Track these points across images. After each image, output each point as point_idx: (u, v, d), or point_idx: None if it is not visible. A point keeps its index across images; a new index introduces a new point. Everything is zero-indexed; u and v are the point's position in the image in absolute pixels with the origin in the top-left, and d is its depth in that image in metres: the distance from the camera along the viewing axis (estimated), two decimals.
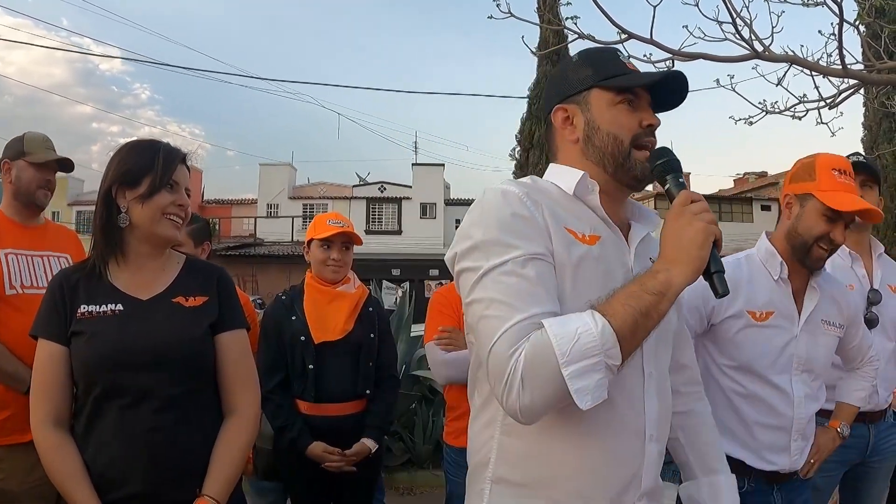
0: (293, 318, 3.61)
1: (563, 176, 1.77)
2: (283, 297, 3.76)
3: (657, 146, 1.75)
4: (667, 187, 1.67)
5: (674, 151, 1.70)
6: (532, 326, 1.47)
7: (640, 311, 1.44)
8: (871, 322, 3.32)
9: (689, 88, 1.80)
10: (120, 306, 2.18)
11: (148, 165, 2.21)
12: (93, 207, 2.31)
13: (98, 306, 2.17)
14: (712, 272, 1.53)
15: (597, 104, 1.76)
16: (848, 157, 3.44)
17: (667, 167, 1.67)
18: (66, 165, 3.40)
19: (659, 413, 1.72)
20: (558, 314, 1.51)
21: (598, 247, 1.67)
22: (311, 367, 3.51)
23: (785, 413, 2.59)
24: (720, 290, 1.53)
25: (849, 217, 2.54)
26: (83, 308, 2.17)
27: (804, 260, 2.60)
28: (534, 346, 1.44)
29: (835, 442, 2.94)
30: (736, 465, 2.54)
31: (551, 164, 1.86)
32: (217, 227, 39.04)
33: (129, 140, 2.36)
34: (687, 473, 2.06)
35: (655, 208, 34.33)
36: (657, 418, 1.71)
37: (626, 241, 1.78)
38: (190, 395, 2.16)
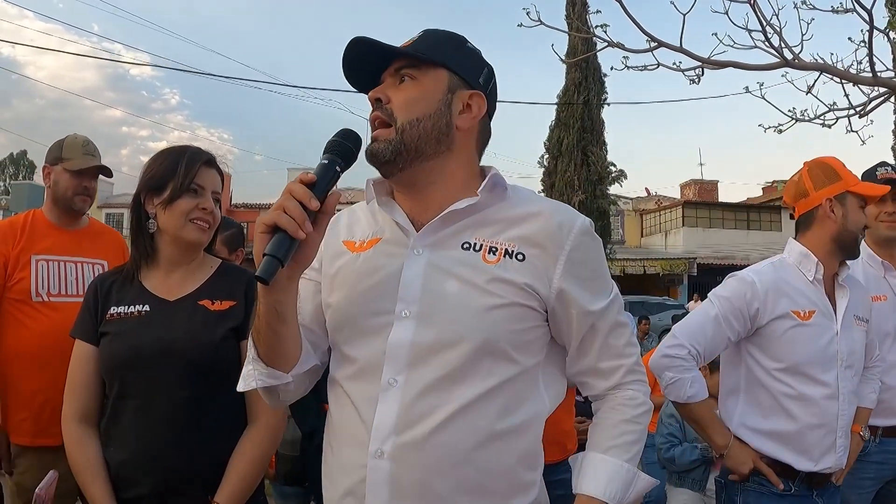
0: None
1: None
2: None
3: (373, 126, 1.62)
4: None
5: (343, 133, 1.54)
6: None
7: (256, 313, 1.53)
8: None
9: (374, 42, 1.59)
10: (147, 307, 2.22)
11: (171, 171, 2.24)
12: (122, 210, 2.36)
13: (126, 307, 2.23)
14: (263, 254, 1.37)
15: None
16: (877, 166, 3.42)
17: (325, 148, 1.52)
18: (105, 171, 3.38)
19: (402, 428, 1.51)
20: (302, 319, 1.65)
21: (370, 250, 1.65)
22: None
23: (832, 411, 2.62)
24: (257, 272, 1.36)
25: (871, 203, 2.81)
26: (113, 310, 2.23)
27: (854, 251, 2.74)
28: None
29: (859, 446, 2.95)
30: (784, 469, 2.63)
31: None
32: (245, 230, 39.22)
33: (162, 143, 2.39)
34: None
35: (683, 216, 34.12)
36: (396, 434, 1.51)
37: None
38: (204, 398, 2.16)
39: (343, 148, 1.51)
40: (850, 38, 5.66)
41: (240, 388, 1.63)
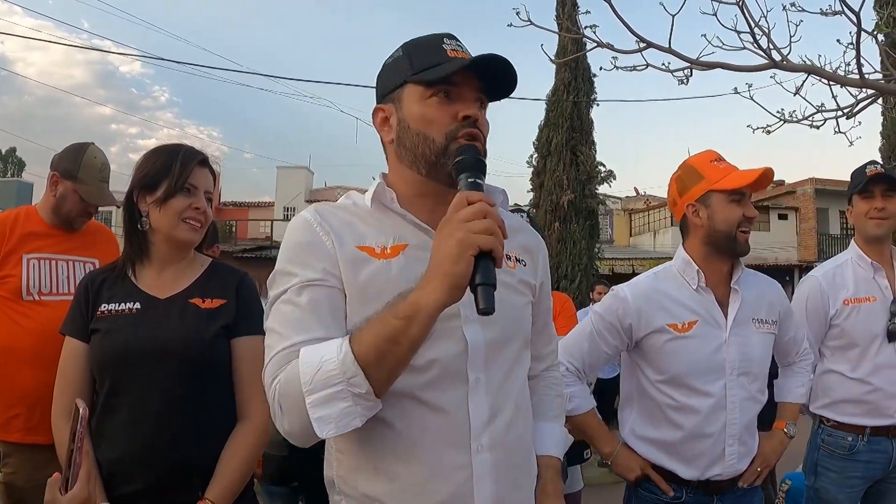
0: None
1: (371, 188, 1.71)
2: None
3: (475, 143, 1.62)
4: (459, 188, 1.52)
5: (476, 149, 1.59)
6: (293, 354, 1.49)
7: (386, 338, 1.39)
8: (893, 334, 3.29)
9: (515, 70, 1.64)
10: (138, 305, 2.22)
11: (165, 170, 2.24)
12: (111, 208, 2.35)
13: (117, 304, 2.23)
14: (476, 284, 1.35)
15: (408, 101, 1.67)
16: (867, 164, 3.43)
17: (460, 166, 1.54)
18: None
19: (492, 419, 1.62)
20: (333, 338, 1.49)
21: (401, 257, 1.63)
22: None
23: (719, 420, 2.57)
24: (480, 305, 1.34)
25: (749, 191, 2.62)
26: (104, 307, 2.23)
27: (734, 250, 2.61)
28: (286, 375, 1.48)
29: (783, 444, 2.89)
30: (671, 477, 2.62)
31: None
32: (234, 229, 39.20)
33: (153, 141, 2.39)
34: None
35: (672, 216, 34.33)
36: (489, 426, 1.61)
37: None
38: (196, 395, 2.17)
39: (483, 167, 1.57)
40: (838, 40, 5.68)
41: (329, 433, 1.42)
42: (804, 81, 5.81)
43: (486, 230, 1.34)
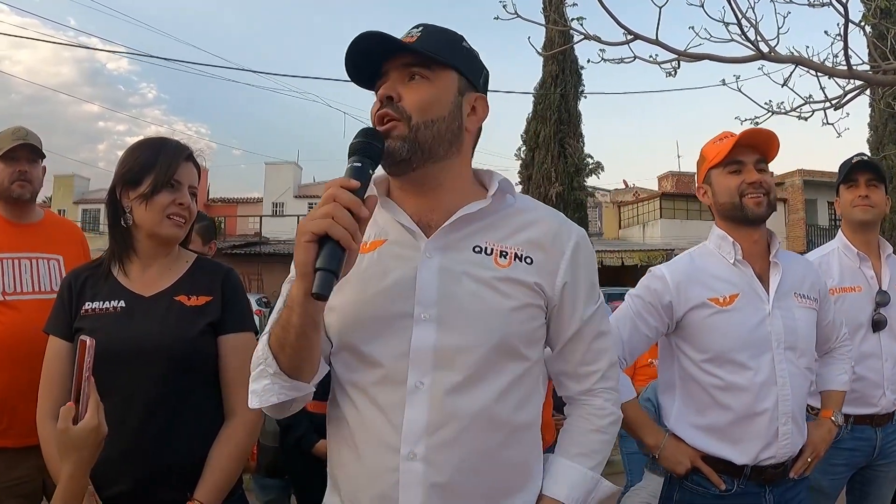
0: None
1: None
2: None
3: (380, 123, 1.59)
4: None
5: (366, 132, 1.53)
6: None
7: (280, 324, 1.49)
8: (878, 324, 3.31)
9: (380, 32, 1.56)
10: (122, 303, 2.19)
11: (149, 165, 2.20)
12: (99, 206, 2.32)
13: (101, 303, 2.19)
14: (315, 269, 1.34)
15: None
16: (853, 157, 3.46)
17: (349, 151, 1.50)
18: (35, 150, 3.22)
19: (432, 429, 1.54)
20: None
21: (376, 252, 1.64)
22: None
23: (771, 396, 2.48)
24: (312, 290, 1.34)
25: (749, 156, 2.58)
26: (87, 305, 2.20)
27: (746, 215, 2.57)
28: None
29: (831, 433, 2.81)
30: (726, 466, 2.52)
31: None
32: (223, 225, 39.11)
33: (140, 138, 2.35)
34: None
35: (661, 208, 34.20)
36: (424, 436, 1.54)
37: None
38: (183, 394, 2.14)
39: (372, 150, 1.51)
40: (826, 32, 5.69)
41: (254, 404, 1.57)
42: (792, 73, 5.82)
43: (324, 215, 1.34)
